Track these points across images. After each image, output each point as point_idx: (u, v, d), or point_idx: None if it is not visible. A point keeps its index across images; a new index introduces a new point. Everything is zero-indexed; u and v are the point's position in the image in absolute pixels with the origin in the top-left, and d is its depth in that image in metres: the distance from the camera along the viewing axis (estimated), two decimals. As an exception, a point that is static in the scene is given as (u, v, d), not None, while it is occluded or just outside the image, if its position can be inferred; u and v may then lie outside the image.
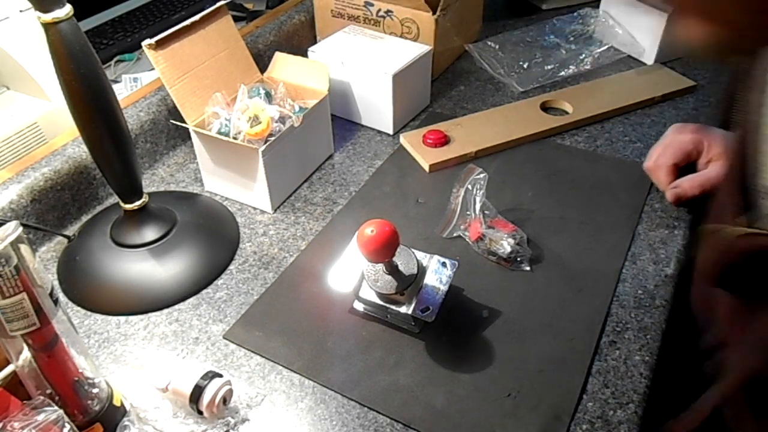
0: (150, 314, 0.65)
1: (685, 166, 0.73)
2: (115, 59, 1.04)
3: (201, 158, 0.78)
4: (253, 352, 0.60)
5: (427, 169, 0.82)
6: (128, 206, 0.68)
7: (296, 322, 0.63)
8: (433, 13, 0.92)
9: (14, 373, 0.48)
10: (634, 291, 0.65)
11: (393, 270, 0.58)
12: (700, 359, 0.60)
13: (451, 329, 0.61)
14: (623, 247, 0.69)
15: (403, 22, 0.96)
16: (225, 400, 0.54)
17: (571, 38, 1.06)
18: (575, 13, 1.09)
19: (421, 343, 0.60)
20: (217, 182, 0.79)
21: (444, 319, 0.61)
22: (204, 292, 0.67)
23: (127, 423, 0.52)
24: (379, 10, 0.97)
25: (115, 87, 0.79)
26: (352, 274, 0.62)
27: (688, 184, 0.71)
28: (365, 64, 0.85)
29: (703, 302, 0.60)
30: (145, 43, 0.70)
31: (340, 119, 0.92)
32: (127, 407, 0.54)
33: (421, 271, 0.60)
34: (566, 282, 0.66)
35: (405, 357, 0.59)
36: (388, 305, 0.60)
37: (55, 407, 0.45)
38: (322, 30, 1.05)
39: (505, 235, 0.68)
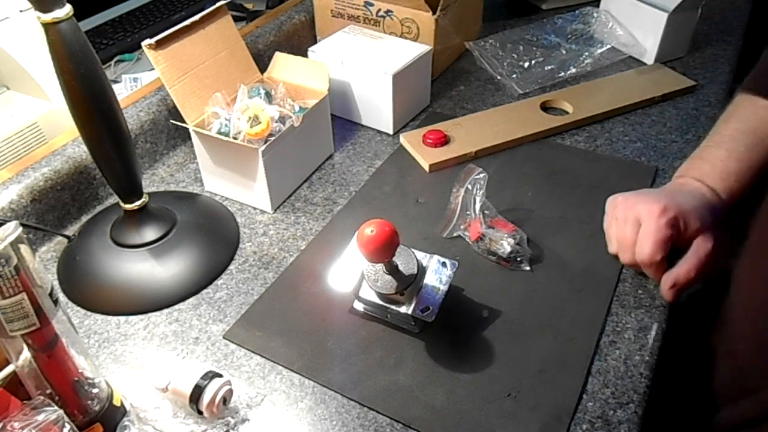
0: (150, 314, 0.65)
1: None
2: (115, 59, 1.04)
3: (201, 158, 0.78)
4: (253, 352, 0.60)
5: (427, 169, 0.82)
6: (128, 206, 0.68)
7: (296, 322, 0.63)
8: (433, 13, 0.92)
9: (14, 373, 0.48)
10: (634, 291, 0.65)
11: (393, 270, 0.58)
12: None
13: (451, 329, 0.61)
14: (623, 247, 0.69)
15: (403, 21, 0.96)
16: (225, 400, 0.54)
17: (572, 38, 1.06)
18: (576, 12, 1.09)
19: (421, 343, 0.60)
20: (217, 182, 0.79)
21: (444, 319, 0.61)
22: (204, 292, 0.67)
23: (127, 423, 0.52)
24: (379, 10, 0.97)
25: (115, 87, 0.79)
26: (352, 274, 0.62)
27: (685, 275, 0.61)
28: (365, 64, 0.85)
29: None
30: (145, 43, 0.70)
31: (340, 119, 0.92)
32: (127, 407, 0.54)
33: (421, 271, 0.60)
34: (566, 282, 0.66)
35: (405, 357, 0.59)
36: (388, 305, 0.60)
37: (55, 407, 0.45)
38: (322, 30, 1.05)
39: (505, 235, 0.68)
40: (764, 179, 0.67)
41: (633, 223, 0.64)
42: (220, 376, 0.54)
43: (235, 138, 0.73)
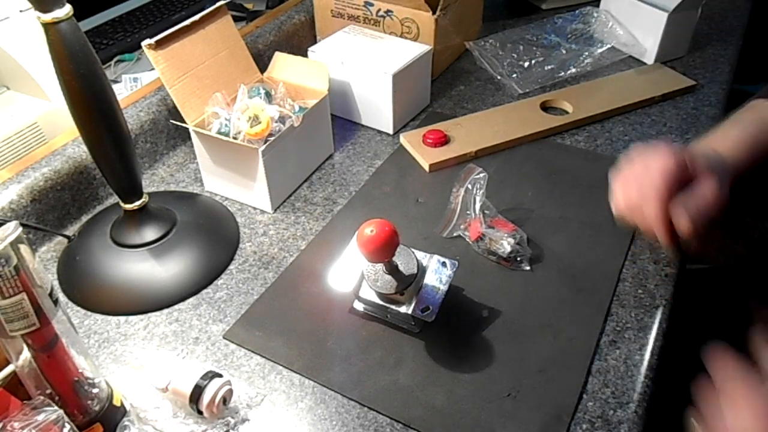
0: (150, 314, 0.65)
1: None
2: (115, 59, 1.04)
3: (201, 158, 0.78)
4: (253, 352, 0.60)
5: (427, 168, 0.82)
6: (128, 206, 0.68)
7: (296, 322, 0.63)
8: (433, 13, 0.92)
9: (14, 373, 0.48)
10: (634, 290, 0.65)
11: (393, 270, 0.58)
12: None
13: (451, 329, 0.61)
14: (623, 246, 0.69)
15: (403, 21, 0.96)
16: (225, 400, 0.54)
17: (572, 37, 1.06)
18: (576, 12, 1.09)
19: (421, 343, 0.60)
20: (217, 182, 0.79)
21: (444, 319, 0.61)
22: (204, 292, 0.67)
23: (127, 423, 0.52)
24: (379, 10, 0.97)
25: (115, 87, 0.79)
26: (352, 274, 0.62)
27: (693, 205, 0.58)
28: (365, 64, 0.85)
29: None
30: (145, 43, 0.70)
31: (340, 119, 0.92)
32: (127, 407, 0.54)
33: (421, 270, 0.60)
34: (566, 282, 0.66)
35: (405, 357, 0.59)
36: (388, 305, 0.60)
37: (55, 407, 0.45)
38: (322, 30, 1.05)
39: (505, 235, 0.68)
40: None
41: (641, 168, 0.62)
42: (220, 376, 0.54)
43: (235, 138, 0.73)
